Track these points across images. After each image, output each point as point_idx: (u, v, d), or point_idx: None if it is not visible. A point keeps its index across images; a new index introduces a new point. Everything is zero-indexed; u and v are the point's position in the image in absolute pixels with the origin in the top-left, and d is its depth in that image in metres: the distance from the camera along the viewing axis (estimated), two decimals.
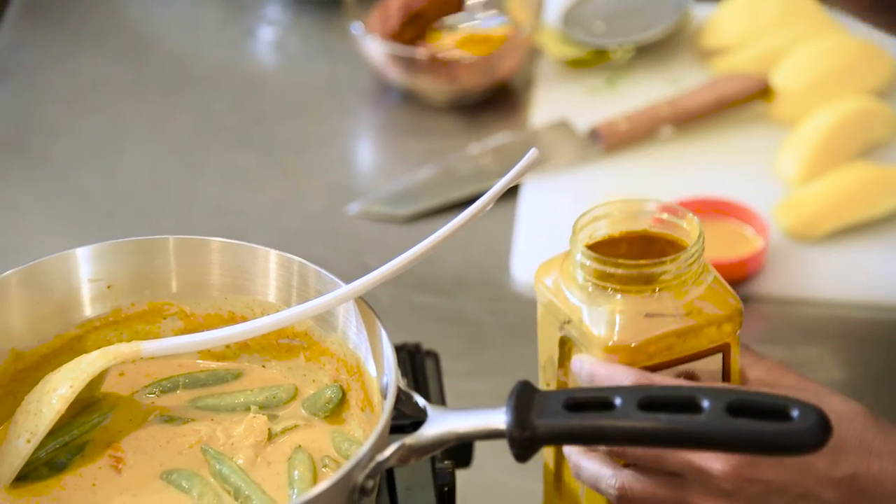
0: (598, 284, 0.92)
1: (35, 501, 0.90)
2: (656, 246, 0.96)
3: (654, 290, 0.91)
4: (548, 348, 0.97)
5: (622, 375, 0.89)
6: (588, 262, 0.92)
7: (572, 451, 0.91)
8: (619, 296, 0.92)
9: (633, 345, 0.91)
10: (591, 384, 0.91)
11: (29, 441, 0.90)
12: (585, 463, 0.90)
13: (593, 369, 0.90)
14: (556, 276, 0.95)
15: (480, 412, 0.85)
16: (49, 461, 0.92)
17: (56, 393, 0.91)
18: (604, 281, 0.92)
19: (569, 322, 0.93)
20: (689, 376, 0.91)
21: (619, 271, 0.91)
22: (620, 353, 0.91)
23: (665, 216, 0.95)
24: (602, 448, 0.89)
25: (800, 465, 0.87)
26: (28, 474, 0.91)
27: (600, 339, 0.91)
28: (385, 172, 1.43)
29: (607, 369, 0.89)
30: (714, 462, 0.86)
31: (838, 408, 0.88)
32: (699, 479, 0.88)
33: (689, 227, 0.94)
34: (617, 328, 0.91)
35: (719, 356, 0.92)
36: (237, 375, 0.99)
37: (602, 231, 0.95)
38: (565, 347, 0.95)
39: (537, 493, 1.05)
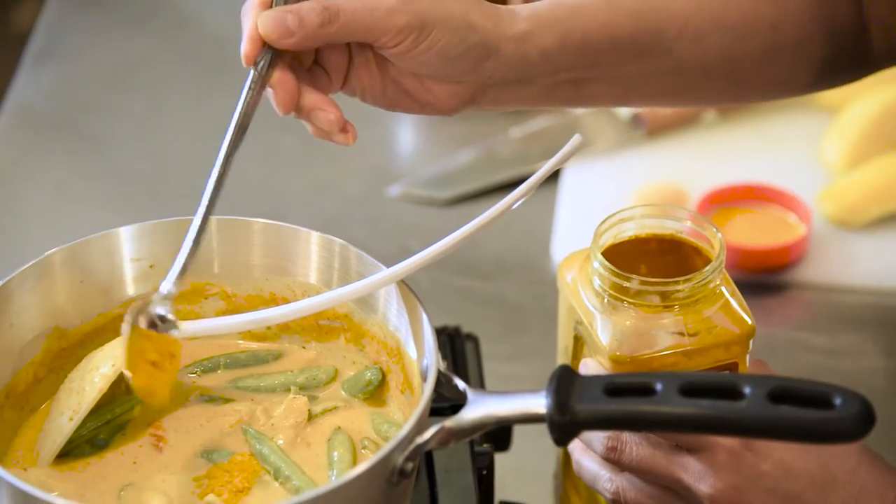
0: (611, 294, 0.92)
1: (77, 478, 0.91)
2: (683, 250, 0.96)
3: (667, 306, 0.92)
4: (565, 337, 0.98)
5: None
6: (604, 272, 0.92)
7: (575, 449, 0.93)
8: (631, 309, 0.92)
9: (637, 358, 0.91)
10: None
11: (71, 419, 0.91)
12: (586, 462, 0.92)
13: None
14: (575, 273, 0.95)
15: (520, 396, 0.85)
16: (91, 439, 0.93)
17: (98, 371, 0.92)
18: (617, 292, 0.92)
19: (581, 323, 0.94)
20: None
21: (633, 286, 0.91)
22: (624, 366, 0.91)
23: (690, 224, 0.95)
24: (599, 449, 0.90)
25: (789, 495, 0.87)
26: (70, 451, 0.92)
27: (606, 349, 0.92)
28: (426, 155, 1.43)
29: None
30: (701, 484, 0.87)
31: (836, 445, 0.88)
32: (687, 497, 0.89)
33: (713, 241, 0.94)
34: (623, 341, 0.92)
35: (726, 373, 0.92)
36: (277, 356, 0.99)
37: (629, 231, 0.96)
38: (578, 343, 0.96)
39: None
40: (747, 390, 0.82)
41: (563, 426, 0.83)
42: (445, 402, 0.92)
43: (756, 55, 0.97)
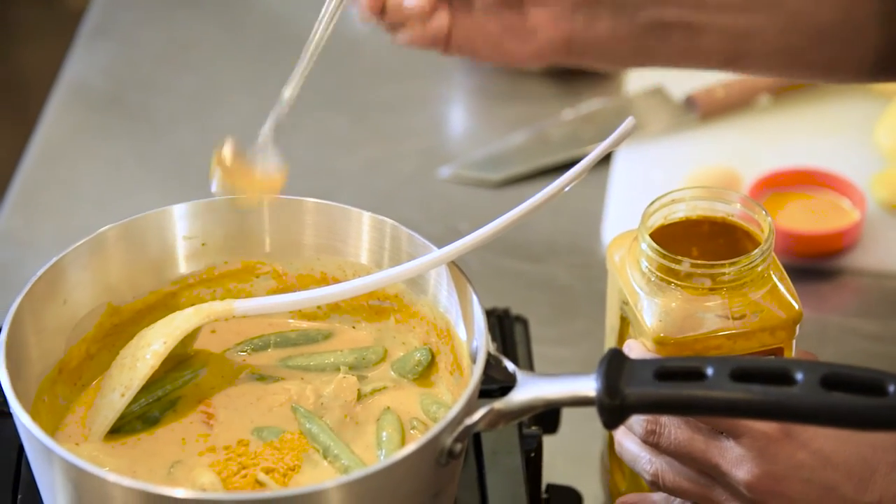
0: (658, 276, 0.92)
1: (128, 454, 0.92)
2: (734, 234, 0.95)
3: (713, 289, 0.91)
4: (612, 318, 0.98)
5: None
6: (650, 253, 0.92)
7: (617, 430, 0.92)
8: (676, 290, 0.92)
9: (681, 341, 0.91)
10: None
11: (123, 395, 0.92)
12: (627, 443, 0.92)
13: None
14: (623, 254, 0.95)
15: (570, 378, 0.85)
16: (142, 415, 0.94)
17: (150, 348, 0.93)
18: (664, 274, 0.92)
19: (627, 304, 0.94)
20: None
21: (679, 268, 0.91)
22: (668, 347, 0.91)
23: (740, 208, 0.95)
24: (638, 432, 0.90)
25: (827, 486, 0.87)
26: (122, 427, 0.93)
27: (650, 331, 0.91)
28: (477, 137, 1.43)
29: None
30: (738, 469, 0.87)
31: (877, 437, 0.87)
32: (724, 482, 0.88)
33: (762, 224, 0.93)
34: (668, 322, 0.91)
35: (771, 358, 0.92)
36: (327, 336, 0.99)
37: (680, 213, 0.95)
38: (624, 324, 0.95)
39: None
40: (799, 376, 0.81)
41: (613, 410, 0.83)
42: (494, 384, 0.91)
43: (867, 21, 0.95)
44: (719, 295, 0.92)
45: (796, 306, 0.92)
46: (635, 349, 0.93)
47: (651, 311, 0.92)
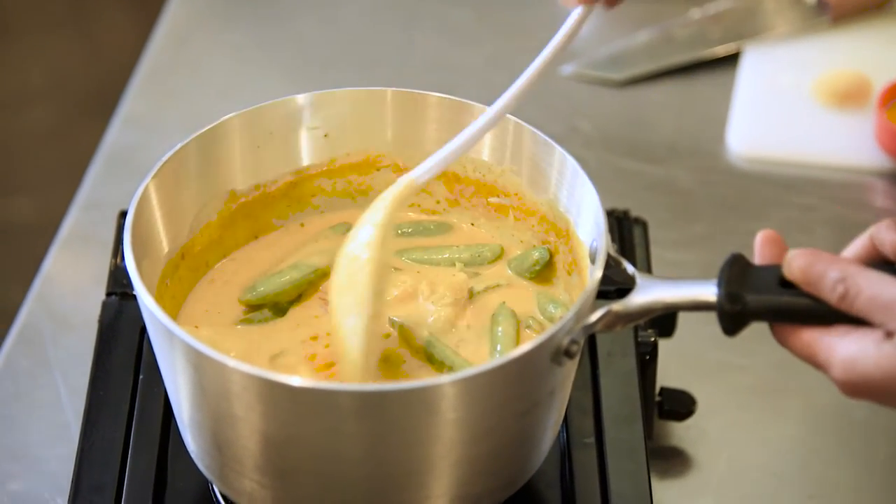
0: None
1: (246, 338, 0.93)
2: None
3: None
4: None
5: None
6: None
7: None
8: None
9: None
10: None
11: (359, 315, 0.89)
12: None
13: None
14: None
15: (691, 283, 0.84)
16: (274, 304, 0.94)
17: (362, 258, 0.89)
18: None
19: None
20: None
21: None
22: None
23: None
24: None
25: None
26: (255, 312, 0.94)
27: None
28: (601, 34, 1.40)
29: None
30: (834, 368, 0.80)
31: None
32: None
33: None
34: None
35: None
36: (445, 230, 0.99)
37: None
38: None
39: (738, 366, 1.04)
40: None
41: (734, 316, 0.82)
42: (611, 286, 0.91)
43: None
44: None
45: None
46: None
47: None
